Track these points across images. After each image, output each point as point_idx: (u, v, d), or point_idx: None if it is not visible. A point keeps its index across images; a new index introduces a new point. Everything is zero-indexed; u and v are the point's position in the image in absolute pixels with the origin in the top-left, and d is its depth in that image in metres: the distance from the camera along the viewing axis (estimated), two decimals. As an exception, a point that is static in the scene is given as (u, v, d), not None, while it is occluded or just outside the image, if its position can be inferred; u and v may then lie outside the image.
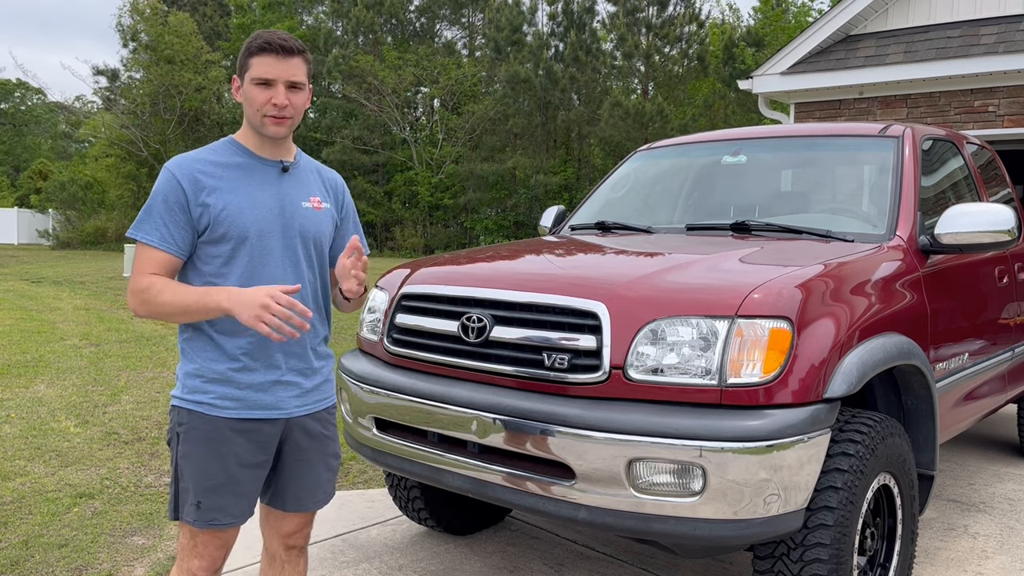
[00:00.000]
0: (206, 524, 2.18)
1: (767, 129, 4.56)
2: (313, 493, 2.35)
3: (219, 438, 2.15)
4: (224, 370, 2.16)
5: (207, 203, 2.12)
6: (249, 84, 2.15)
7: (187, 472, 2.18)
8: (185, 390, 2.18)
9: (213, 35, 37.65)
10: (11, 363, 7.81)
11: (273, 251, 2.19)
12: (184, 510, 2.19)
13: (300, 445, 2.29)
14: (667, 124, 26.83)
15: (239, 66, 2.21)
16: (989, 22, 8.42)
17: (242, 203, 2.15)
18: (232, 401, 2.16)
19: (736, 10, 45.36)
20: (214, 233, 2.13)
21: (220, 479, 2.16)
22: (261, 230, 2.17)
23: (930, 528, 4.03)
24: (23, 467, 4.68)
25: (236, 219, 2.14)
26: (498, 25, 30.97)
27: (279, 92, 2.14)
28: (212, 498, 2.16)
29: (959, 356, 3.60)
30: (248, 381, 2.17)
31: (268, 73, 2.13)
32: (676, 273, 2.84)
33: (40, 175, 40.30)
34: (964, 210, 3.37)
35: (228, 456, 2.16)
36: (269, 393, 2.19)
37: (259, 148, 2.23)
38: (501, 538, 3.88)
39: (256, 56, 2.14)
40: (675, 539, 2.49)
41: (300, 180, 2.28)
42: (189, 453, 2.18)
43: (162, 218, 2.11)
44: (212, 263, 2.16)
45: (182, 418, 2.18)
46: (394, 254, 29.88)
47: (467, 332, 2.83)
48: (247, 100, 2.18)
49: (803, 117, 9.67)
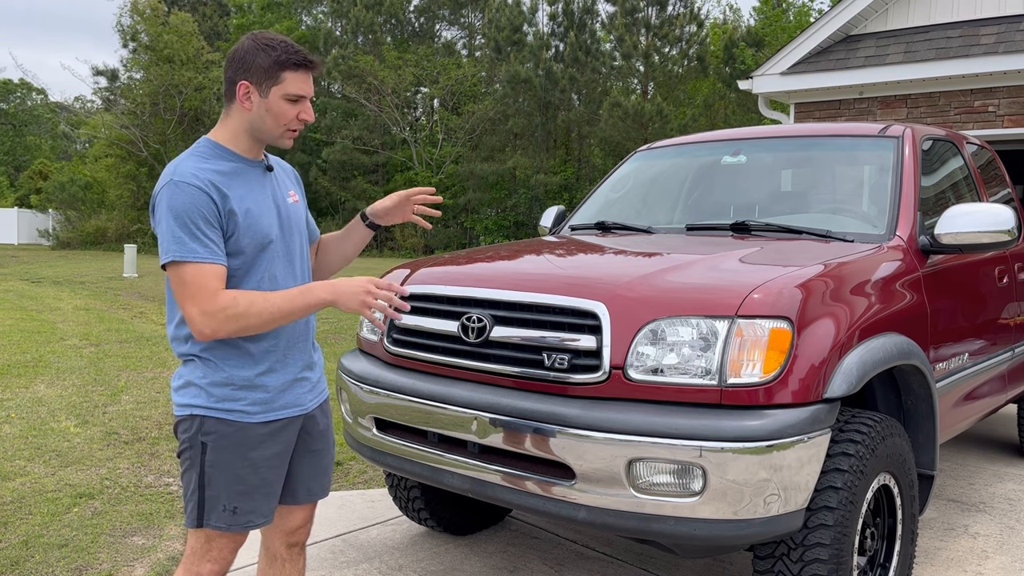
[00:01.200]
0: (242, 528, 2.20)
1: (767, 129, 4.56)
2: (322, 482, 2.41)
3: (251, 444, 2.16)
4: (251, 376, 2.16)
5: (232, 210, 2.09)
6: (279, 98, 2.11)
7: (218, 480, 2.16)
8: (213, 399, 2.14)
9: (213, 35, 37.66)
10: (11, 363, 7.81)
11: (279, 252, 2.21)
12: (212, 517, 2.17)
13: (311, 437, 2.34)
14: (667, 124, 26.83)
15: (260, 74, 2.10)
16: (989, 22, 8.42)
17: (255, 209, 2.14)
18: (261, 405, 2.17)
19: (736, 10, 45.36)
20: (239, 242, 2.10)
21: (254, 483, 2.18)
22: (275, 235, 2.19)
23: (930, 528, 4.03)
24: (23, 467, 4.68)
25: (257, 226, 2.13)
26: (498, 25, 30.98)
27: (308, 109, 2.16)
28: (247, 502, 2.18)
29: (959, 356, 3.60)
30: (273, 383, 2.19)
31: (303, 90, 2.13)
32: (676, 273, 2.84)
33: (40, 175, 40.31)
34: (964, 210, 3.37)
35: (260, 460, 2.18)
36: (290, 392, 2.23)
37: (247, 151, 2.19)
38: (501, 538, 3.88)
39: (291, 71, 2.10)
40: (675, 539, 2.49)
41: (278, 178, 2.29)
42: (220, 461, 2.15)
43: (203, 232, 2.03)
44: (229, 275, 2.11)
45: (209, 427, 2.14)
46: (394, 254, 29.88)
47: (467, 332, 2.83)
48: (272, 114, 2.12)
49: (803, 117, 9.67)
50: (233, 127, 2.17)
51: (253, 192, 2.16)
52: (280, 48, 2.10)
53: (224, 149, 2.16)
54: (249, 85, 2.11)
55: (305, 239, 2.34)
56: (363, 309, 2.08)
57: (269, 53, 2.09)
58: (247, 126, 2.15)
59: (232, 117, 2.16)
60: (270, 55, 2.09)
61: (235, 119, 2.16)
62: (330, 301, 2.09)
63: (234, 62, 2.13)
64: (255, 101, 2.11)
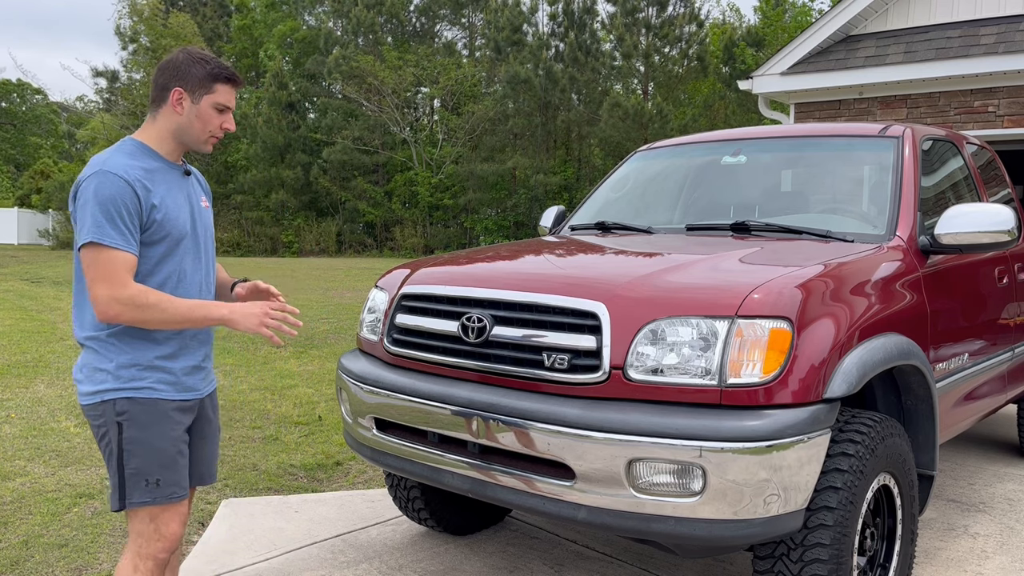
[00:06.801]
0: (168, 499, 2.33)
1: (767, 129, 4.56)
2: (211, 467, 2.61)
3: (164, 418, 2.33)
4: (153, 358, 2.33)
5: (154, 205, 2.28)
6: (208, 106, 2.36)
7: (137, 456, 2.30)
8: (120, 381, 2.29)
9: (214, 36, 37.64)
10: (11, 363, 7.81)
11: (190, 250, 2.41)
12: (136, 494, 2.30)
13: (203, 424, 2.53)
14: (667, 124, 26.85)
15: (193, 83, 2.33)
16: (989, 22, 8.42)
17: (173, 206, 2.34)
18: (167, 385, 2.35)
19: (736, 10, 45.36)
20: (156, 235, 2.29)
21: (171, 454, 2.35)
22: (188, 231, 2.39)
23: (930, 528, 4.03)
24: (23, 467, 4.68)
25: (174, 221, 2.33)
26: (498, 25, 30.98)
27: (231, 119, 2.44)
28: (169, 473, 2.34)
29: (959, 356, 3.60)
30: (176, 367, 2.37)
31: (229, 101, 2.41)
32: (676, 273, 2.84)
33: (41, 175, 40.31)
34: (964, 210, 3.37)
35: (173, 433, 2.36)
36: (192, 377, 2.43)
37: (170, 154, 2.40)
38: (501, 538, 3.88)
39: (222, 84, 2.37)
40: (675, 539, 2.49)
41: (193, 183, 2.50)
42: (138, 437, 2.30)
43: (123, 221, 2.21)
44: (146, 263, 2.30)
45: (121, 407, 2.29)
46: (394, 254, 29.89)
47: (467, 332, 2.83)
48: (201, 119, 2.36)
49: (803, 117, 9.67)
50: (160, 130, 2.38)
51: (172, 191, 2.36)
52: (213, 63, 2.37)
53: (149, 150, 2.37)
54: (183, 92, 2.34)
55: (212, 240, 2.55)
56: (260, 328, 2.32)
57: (204, 66, 2.35)
58: (174, 129, 2.37)
59: (160, 121, 2.38)
60: (205, 67, 2.35)
61: (163, 122, 2.37)
62: (228, 318, 2.32)
63: (168, 70, 2.36)
64: (187, 107, 2.35)
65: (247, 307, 2.35)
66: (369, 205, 31.56)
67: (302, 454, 5.07)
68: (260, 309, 2.35)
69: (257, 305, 2.36)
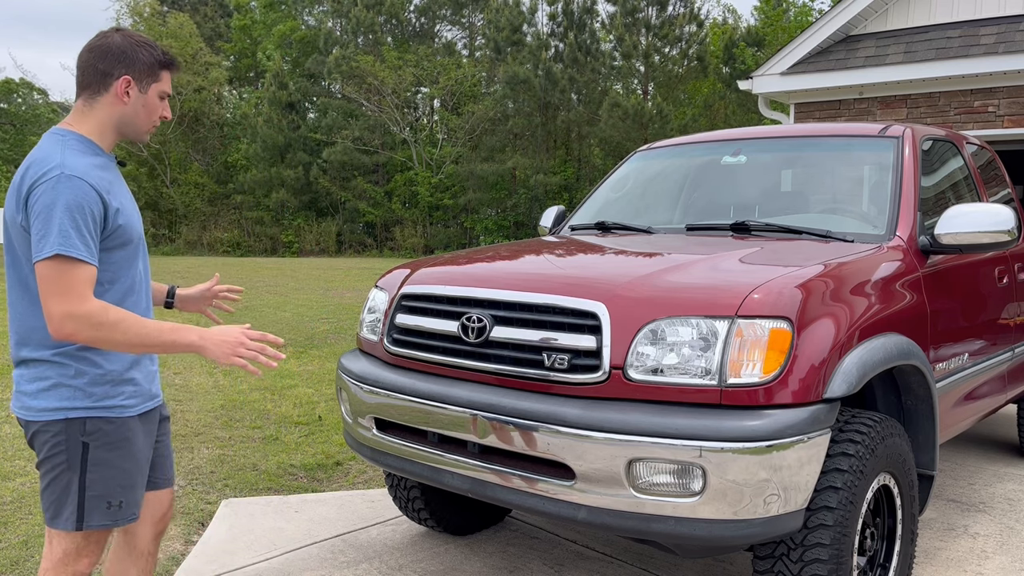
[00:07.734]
0: (126, 521, 2.23)
1: (767, 129, 4.56)
2: (172, 468, 2.53)
3: (131, 437, 2.20)
4: (122, 370, 2.17)
5: (117, 209, 2.10)
6: (155, 95, 2.20)
7: (102, 479, 2.14)
8: (93, 399, 2.12)
9: (214, 36, 37.66)
10: (11, 363, 7.80)
11: (142, 253, 2.27)
12: (96, 517, 2.15)
13: (158, 425, 2.42)
14: (667, 124, 26.87)
15: (140, 70, 2.15)
16: (989, 22, 8.42)
17: (128, 204, 2.19)
18: (136, 398, 2.22)
19: (735, 10, 45.36)
20: (118, 239, 2.12)
21: (135, 476, 2.23)
22: (141, 232, 2.25)
23: (930, 528, 4.03)
24: (23, 467, 4.68)
25: (131, 221, 2.18)
26: (498, 25, 31.00)
27: (168, 107, 2.28)
28: (132, 495, 2.22)
29: (959, 356, 3.60)
30: (139, 376, 2.23)
31: (170, 89, 2.26)
32: (676, 273, 2.84)
33: (41, 175, 40.27)
34: (964, 210, 3.37)
35: (139, 452, 2.24)
36: (153, 383, 2.32)
37: (109, 147, 2.21)
38: (501, 538, 3.88)
39: (166, 71, 2.22)
40: (675, 539, 2.49)
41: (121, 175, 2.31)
42: (105, 459, 2.14)
43: (88, 231, 2.01)
44: (107, 270, 2.12)
45: (91, 427, 2.12)
46: (394, 254, 29.90)
47: (467, 332, 2.83)
48: (147, 108, 2.19)
49: (803, 117, 9.67)
50: (100, 121, 2.16)
51: (122, 188, 2.21)
52: (157, 48, 2.20)
53: (93, 144, 2.15)
54: (131, 80, 2.15)
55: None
56: (231, 359, 2.09)
57: (150, 52, 2.17)
58: (117, 120, 2.17)
59: (99, 110, 2.15)
60: (152, 54, 2.17)
61: (103, 113, 2.15)
62: (198, 345, 2.10)
63: (110, 56, 2.13)
64: (134, 96, 2.16)
65: (221, 333, 2.11)
66: (369, 205, 31.58)
67: (302, 454, 5.07)
68: (234, 337, 2.11)
69: (232, 332, 2.12)
